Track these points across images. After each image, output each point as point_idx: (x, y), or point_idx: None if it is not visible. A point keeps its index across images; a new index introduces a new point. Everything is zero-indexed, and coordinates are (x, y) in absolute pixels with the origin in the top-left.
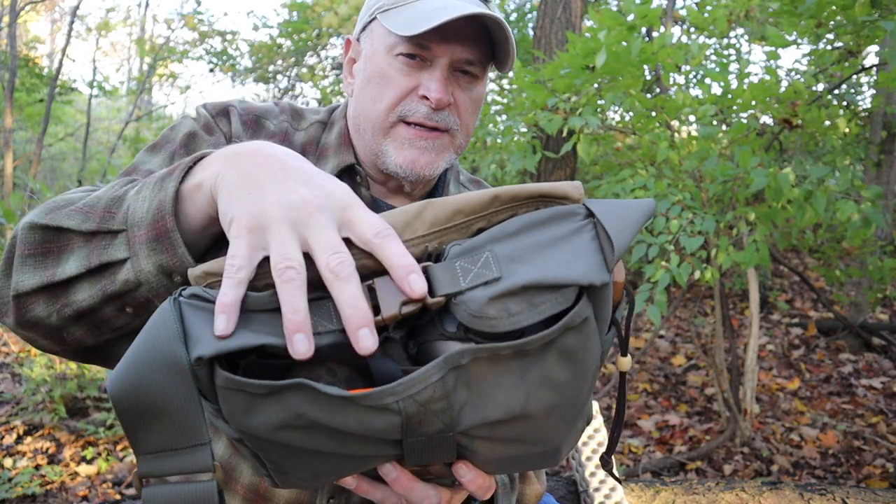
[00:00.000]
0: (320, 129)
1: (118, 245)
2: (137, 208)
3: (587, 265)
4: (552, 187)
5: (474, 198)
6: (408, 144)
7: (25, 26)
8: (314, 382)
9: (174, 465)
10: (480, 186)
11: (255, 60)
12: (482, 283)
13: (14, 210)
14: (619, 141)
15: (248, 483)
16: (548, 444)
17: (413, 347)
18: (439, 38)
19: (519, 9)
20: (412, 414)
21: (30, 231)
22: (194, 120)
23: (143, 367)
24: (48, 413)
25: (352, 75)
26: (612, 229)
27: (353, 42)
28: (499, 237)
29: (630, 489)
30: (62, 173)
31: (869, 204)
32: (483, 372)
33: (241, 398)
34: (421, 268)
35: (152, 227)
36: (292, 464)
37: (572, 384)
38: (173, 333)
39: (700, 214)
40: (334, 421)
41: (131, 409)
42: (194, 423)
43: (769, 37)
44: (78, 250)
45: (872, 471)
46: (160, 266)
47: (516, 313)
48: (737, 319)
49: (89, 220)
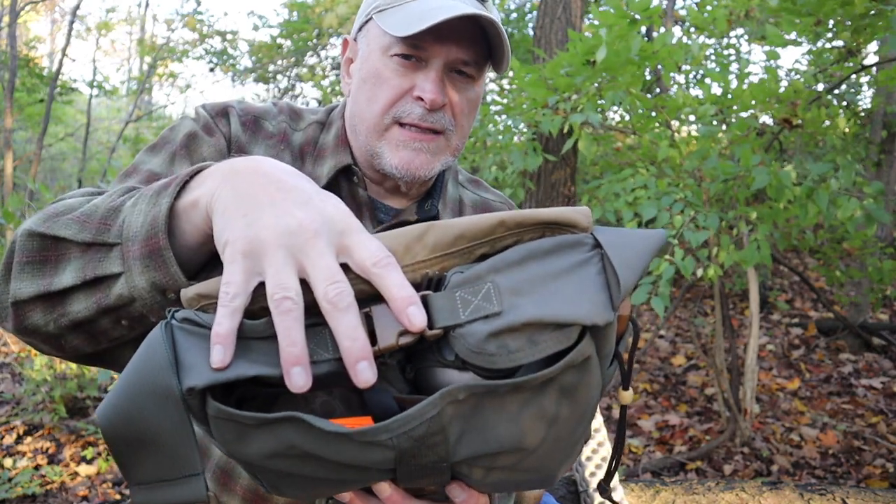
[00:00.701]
0: (318, 130)
1: (113, 259)
2: (132, 222)
3: (591, 303)
4: (560, 214)
5: (478, 222)
6: (402, 146)
7: (25, 26)
8: (307, 416)
9: (167, 495)
10: (479, 187)
11: (255, 60)
12: (482, 317)
13: (14, 211)
14: (619, 141)
15: (248, 484)
16: (545, 472)
17: (410, 372)
18: (434, 39)
19: (519, 9)
20: (406, 449)
21: (28, 238)
22: (194, 120)
23: (134, 397)
24: (48, 413)
25: (349, 75)
26: (620, 264)
27: (351, 42)
28: (501, 267)
29: (630, 489)
30: (62, 173)
31: (871, 200)
32: (480, 406)
33: (233, 427)
34: (420, 296)
35: (145, 244)
36: (286, 486)
37: (571, 419)
38: (164, 362)
39: (703, 212)
40: (327, 453)
41: (122, 439)
42: (186, 453)
43: (768, 36)
44: (74, 260)
45: (872, 471)
46: (153, 283)
47: (515, 350)
48: (737, 319)
49: (86, 230)
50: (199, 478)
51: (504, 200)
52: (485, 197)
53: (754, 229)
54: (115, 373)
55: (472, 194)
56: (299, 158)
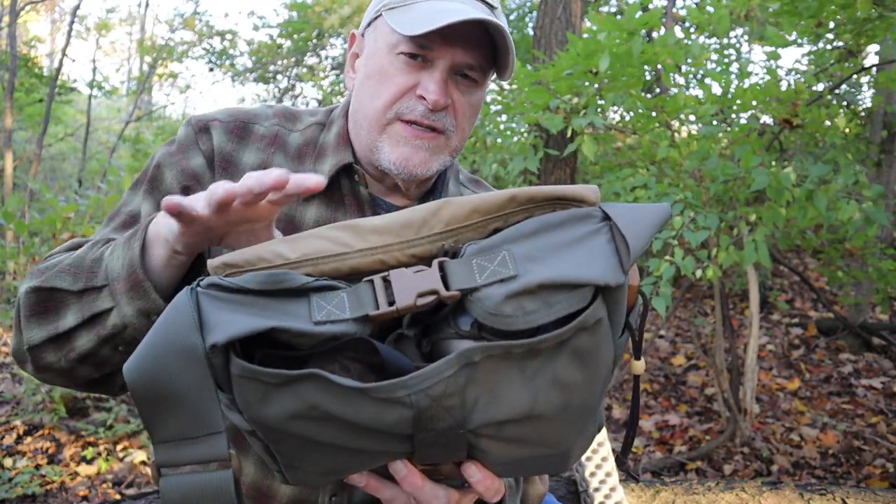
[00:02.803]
0: (318, 130)
1: (104, 297)
2: (113, 266)
3: (603, 266)
4: (569, 190)
5: (491, 198)
6: (403, 142)
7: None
8: (328, 374)
9: (190, 453)
10: (480, 186)
11: (255, 60)
12: (498, 281)
13: (14, 211)
14: (619, 141)
15: (251, 481)
16: (557, 447)
17: (427, 345)
18: (441, 40)
19: (519, 8)
20: (424, 408)
21: (29, 295)
22: (169, 145)
23: (160, 355)
24: (48, 413)
25: (354, 70)
26: (628, 232)
27: (358, 37)
28: (515, 237)
29: (630, 489)
30: (62, 173)
31: (870, 203)
32: (495, 370)
33: (256, 387)
34: (437, 263)
35: (128, 280)
36: (303, 458)
37: (584, 386)
38: (189, 322)
39: (703, 213)
40: (347, 413)
41: (148, 397)
42: (209, 412)
43: (769, 37)
44: (73, 305)
45: (872, 471)
46: (139, 310)
47: (532, 311)
48: (737, 319)
49: (78, 280)
50: (221, 436)
51: None
52: None
53: (754, 230)
54: None
55: (472, 193)
56: (296, 159)
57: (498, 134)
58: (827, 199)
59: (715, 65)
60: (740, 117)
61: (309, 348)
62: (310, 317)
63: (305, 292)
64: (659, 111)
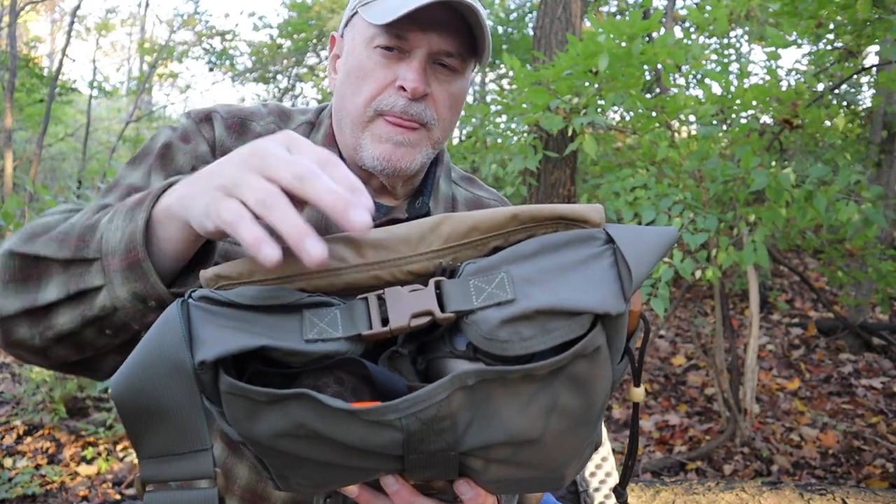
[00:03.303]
0: (308, 130)
1: (94, 273)
2: (110, 238)
3: (603, 293)
4: (573, 210)
5: (492, 215)
6: (385, 138)
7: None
8: (317, 394)
9: (175, 470)
10: (473, 184)
11: (255, 60)
12: (495, 304)
13: (13, 212)
14: (619, 141)
15: (246, 484)
16: (552, 471)
17: (422, 363)
18: (416, 28)
19: (519, 8)
20: (414, 431)
21: (9, 258)
22: (172, 130)
23: (147, 369)
24: (48, 413)
25: (335, 71)
26: (632, 258)
27: (338, 38)
28: (515, 258)
29: (630, 489)
30: (62, 173)
31: (869, 204)
32: (490, 394)
33: (245, 404)
34: (433, 282)
35: (125, 258)
36: (294, 471)
37: (580, 412)
38: (178, 336)
39: (702, 214)
40: (336, 433)
41: (134, 411)
42: (196, 428)
43: (769, 37)
44: (57, 276)
45: (872, 471)
46: (135, 293)
47: (528, 338)
48: (737, 319)
49: (65, 247)
50: (208, 453)
51: (498, 198)
52: (478, 194)
53: (753, 230)
54: None
55: (465, 192)
56: None
57: (498, 134)
58: (826, 200)
59: (715, 65)
60: (740, 117)
61: (300, 365)
62: (301, 334)
63: (298, 308)
64: (659, 111)
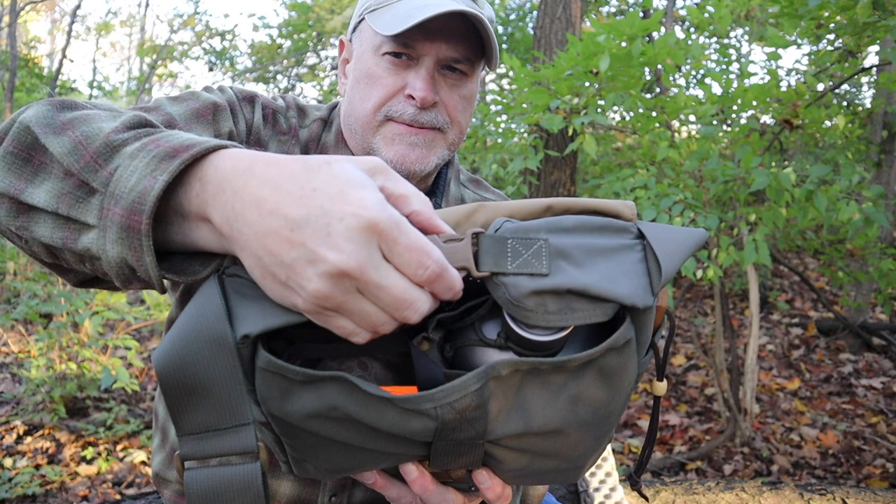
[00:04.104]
0: (321, 127)
1: (92, 207)
2: (124, 179)
3: (633, 285)
4: (606, 204)
5: (528, 205)
6: (398, 140)
7: (25, 26)
8: (354, 378)
9: (217, 445)
10: (480, 187)
11: (255, 60)
12: (528, 274)
13: None
14: (619, 141)
15: None
16: (573, 461)
17: (449, 351)
18: (424, 37)
19: (519, 8)
20: (448, 420)
21: (24, 132)
22: (221, 92)
23: (190, 344)
24: (48, 413)
25: (345, 76)
26: (662, 254)
27: (346, 43)
28: (554, 228)
29: (629, 490)
30: None
31: (870, 204)
32: (521, 384)
33: (280, 382)
34: (471, 235)
35: (126, 215)
36: (315, 454)
37: (606, 403)
38: (219, 311)
39: (703, 213)
40: (369, 418)
41: (177, 386)
42: (238, 402)
43: (769, 37)
44: (53, 180)
45: (872, 471)
46: (124, 259)
47: (553, 312)
48: (737, 319)
49: (75, 156)
50: (250, 427)
51: (504, 200)
52: (486, 196)
53: (753, 230)
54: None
55: (472, 193)
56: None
57: (498, 134)
58: (827, 200)
59: (715, 65)
60: (740, 117)
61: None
62: None
63: None
64: (659, 111)
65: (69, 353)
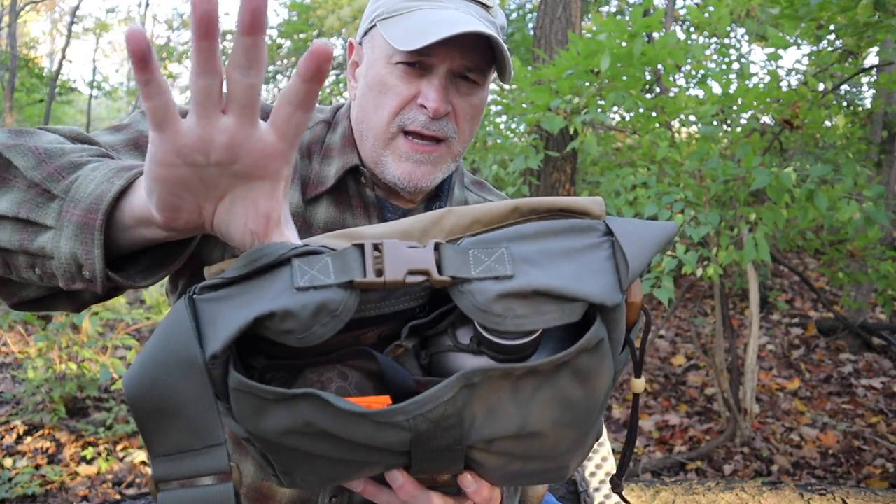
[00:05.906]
0: (325, 129)
1: (51, 210)
2: (84, 186)
3: (600, 284)
4: (573, 202)
5: (493, 208)
6: (405, 157)
7: (25, 26)
8: (326, 394)
9: (189, 466)
10: (483, 189)
11: None
12: (493, 278)
13: None
14: (619, 141)
15: (251, 482)
16: (555, 461)
17: (425, 358)
18: (438, 47)
19: (519, 9)
20: (422, 431)
21: None
22: None
23: (159, 366)
24: (48, 413)
25: (355, 79)
26: (630, 250)
27: (356, 46)
28: (515, 237)
29: (630, 489)
30: None
31: (871, 203)
32: (495, 389)
33: (252, 401)
34: (433, 244)
35: (84, 214)
36: (299, 467)
37: (584, 403)
38: (188, 332)
39: (703, 212)
40: (344, 432)
41: (147, 409)
42: (210, 423)
43: (770, 38)
44: (17, 191)
45: (872, 471)
46: (74, 255)
47: (521, 315)
48: (737, 319)
49: (39, 169)
50: (222, 448)
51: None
52: (488, 199)
53: (754, 229)
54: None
55: (476, 196)
56: (306, 157)
57: (498, 134)
58: (828, 199)
59: (715, 65)
60: (741, 117)
61: (303, 352)
62: (292, 283)
63: (288, 260)
64: (659, 111)
65: (69, 353)
